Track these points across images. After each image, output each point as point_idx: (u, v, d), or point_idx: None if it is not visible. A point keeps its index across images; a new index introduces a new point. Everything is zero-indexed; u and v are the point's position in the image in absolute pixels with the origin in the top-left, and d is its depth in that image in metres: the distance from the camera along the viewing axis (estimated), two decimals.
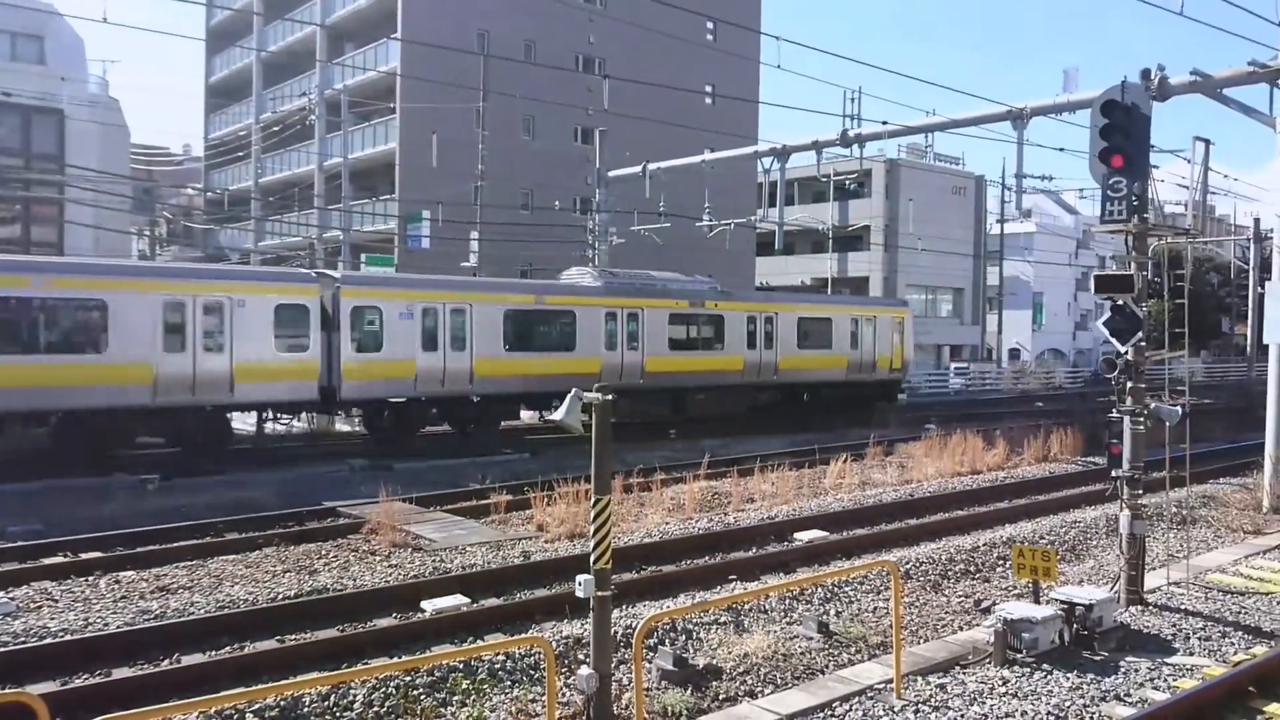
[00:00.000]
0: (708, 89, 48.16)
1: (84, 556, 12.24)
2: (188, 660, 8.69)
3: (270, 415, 22.28)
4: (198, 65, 60.62)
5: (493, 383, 22.85)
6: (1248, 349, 46.87)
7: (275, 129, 45.87)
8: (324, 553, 12.69)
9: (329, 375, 20.58)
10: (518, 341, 23.37)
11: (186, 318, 18.89)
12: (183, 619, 9.58)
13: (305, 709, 7.56)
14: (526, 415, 26.87)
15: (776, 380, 28.99)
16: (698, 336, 27.26)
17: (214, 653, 8.90)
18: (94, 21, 41.20)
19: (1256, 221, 45.30)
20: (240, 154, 53.25)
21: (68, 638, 9.03)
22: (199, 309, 19.03)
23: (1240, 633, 9.42)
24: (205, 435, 20.03)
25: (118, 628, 9.33)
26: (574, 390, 7.04)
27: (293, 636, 9.39)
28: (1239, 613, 10.08)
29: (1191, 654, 8.85)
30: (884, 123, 25.68)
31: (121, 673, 8.41)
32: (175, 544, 12.86)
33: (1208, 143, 13.06)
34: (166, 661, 8.70)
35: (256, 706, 7.43)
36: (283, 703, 7.52)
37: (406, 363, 21.48)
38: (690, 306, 27.00)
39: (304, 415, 25.01)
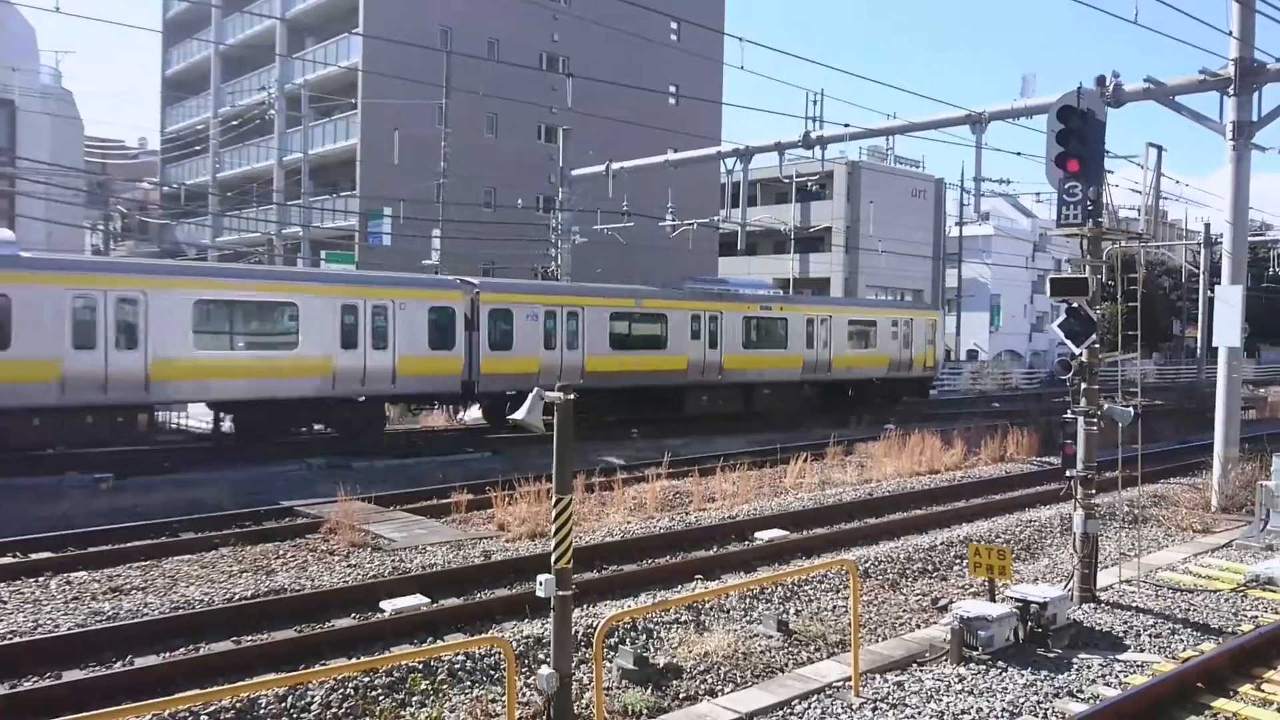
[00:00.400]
0: (671, 89, 48.28)
1: (34, 557, 12.00)
2: (141, 662, 8.56)
3: (412, 407, 25.82)
4: (154, 57, 59.66)
5: (599, 378, 25.25)
6: (1198, 351, 47.82)
7: (234, 123, 45.28)
8: (282, 553, 12.54)
9: (470, 370, 23.11)
10: (620, 341, 26.28)
11: (359, 319, 21.26)
12: (136, 620, 9.42)
13: (262, 711, 7.48)
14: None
15: (830, 377, 31.87)
16: (766, 337, 30.01)
17: (168, 654, 8.77)
18: (46, 11, 40.41)
19: (1207, 226, 46.25)
20: (198, 148, 52.49)
21: (17, 640, 8.85)
22: (369, 312, 21.43)
23: (1189, 630, 9.62)
24: (367, 424, 22.32)
25: (69, 629, 9.16)
26: (535, 389, 7.03)
27: (249, 637, 9.27)
28: (1188, 610, 10.30)
29: (1142, 650, 9.02)
30: (846, 125, 25.90)
31: (73, 675, 8.26)
32: (129, 544, 12.64)
33: (1160, 149, 13.35)
34: (119, 663, 8.56)
35: (212, 709, 7.34)
36: (239, 704, 7.43)
37: (532, 359, 24.21)
38: (760, 310, 29.79)
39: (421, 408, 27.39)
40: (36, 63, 36.24)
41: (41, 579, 11.09)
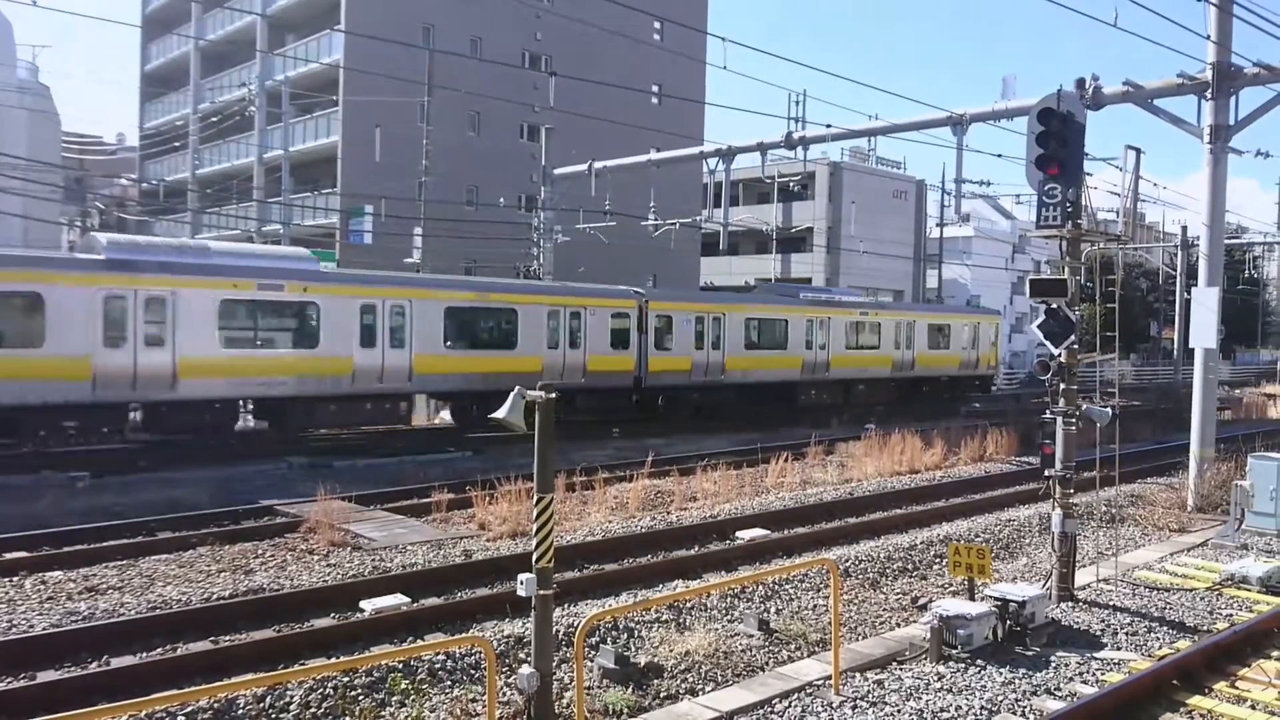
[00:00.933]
0: (654, 89, 48.27)
1: (9, 556, 11.86)
2: (117, 663, 8.48)
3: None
4: (133, 53, 59.13)
5: (737, 374, 29.44)
6: (1175, 352, 48.26)
7: (214, 120, 44.94)
8: (260, 552, 12.46)
9: (640, 367, 27.01)
10: (752, 342, 30.01)
11: (559, 323, 25.33)
12: (112, 620, 9.33)
13: (240, 711, 7.42)
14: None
15: (913, 374, 35.80)
16: (864, 339, 34.05)
17: (145, 655, 8.69)
18: (23, 5, 39.81)
19: (1184, 229, 46.67)
20: (177, 144, 52.04)
21: None
22: (568, 317, 25.46)
23: (1165, 628, 9.71)
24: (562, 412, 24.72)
25: (44, 629, 9.07)
26: (517, 388, 7.01)
27: (227, 637, 9.21)
28: (1164, 608, 10.39)
29: (1119, 649, 9.09)
30: (828, 126, 25.97)
31: (48, 675, 8.17)
32: (105, 543, 12.53)
33: (1139, 151, 13.43)
34: (95, 664, 8.47)
35: (189, 709, 7.28)
36: (216, 705, 7.38)
37: (686, 359, 28.14)
38: (859, 315, 33.78)
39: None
40: (13, 58, 35.86)
41: (16, 579, 10.97)
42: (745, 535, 13.90)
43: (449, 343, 23.27)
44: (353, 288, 21.98)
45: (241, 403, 21.49)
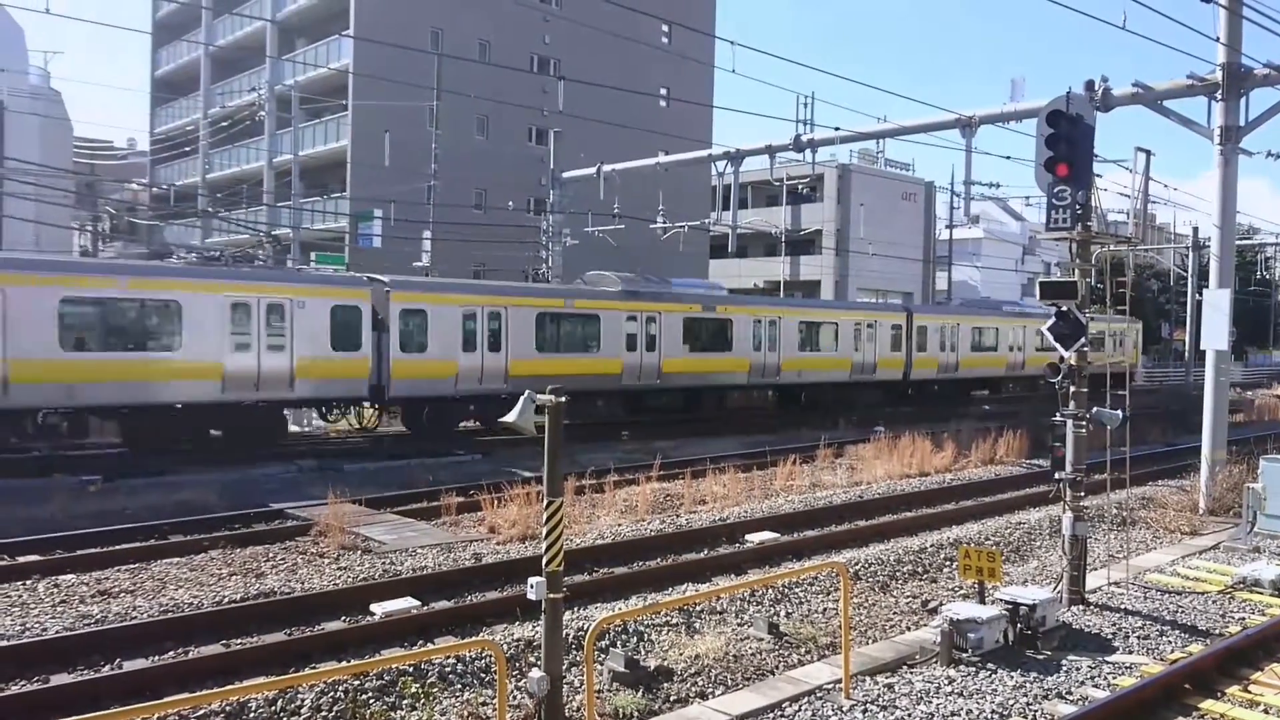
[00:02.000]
0: (662, 92, 48.28)
1: (22, 560, 11.94)
2: (130, 666, 8.52)
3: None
4: (143, 58, 59.42)
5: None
6: (1186, 354, 48.04)
7: (224, 124, 45.09)
8: (271, 555, 12.51)
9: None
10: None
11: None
12: (125, 623, 9.38)
13: (252, 714, 7.45)
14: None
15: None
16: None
17: (157, 658, 8.74)
18: (35, 12, 40.18)
19: (1195, 230, 46.42)
20: (187, 149, 52.25)
21: (4, 643, 8.80)
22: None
23: (1177, 631, 9.67)
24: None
25: (57, 633, 9.11)
26: (527, 392, 7.03)
27: (239, 640, 9.25)
28: (1176, 612, 10.35)
29: (1131, 652, 9.06)
30: (836, 128, 25.94)
31: (61, 679, 8.22)
32: (117, 546, 12.60)
33: (1148, 153, 13.36)
34: (108, 667, 8.51)
35: (201, 712, 7.31)
36: (228, 708, 7.41)
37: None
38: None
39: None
40: (25, 64, 36.07)
41: (29, 582, 11.04)
42: (755, 538, 13.89)
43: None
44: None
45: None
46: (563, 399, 6.95)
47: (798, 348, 31.56)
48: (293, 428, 25.53)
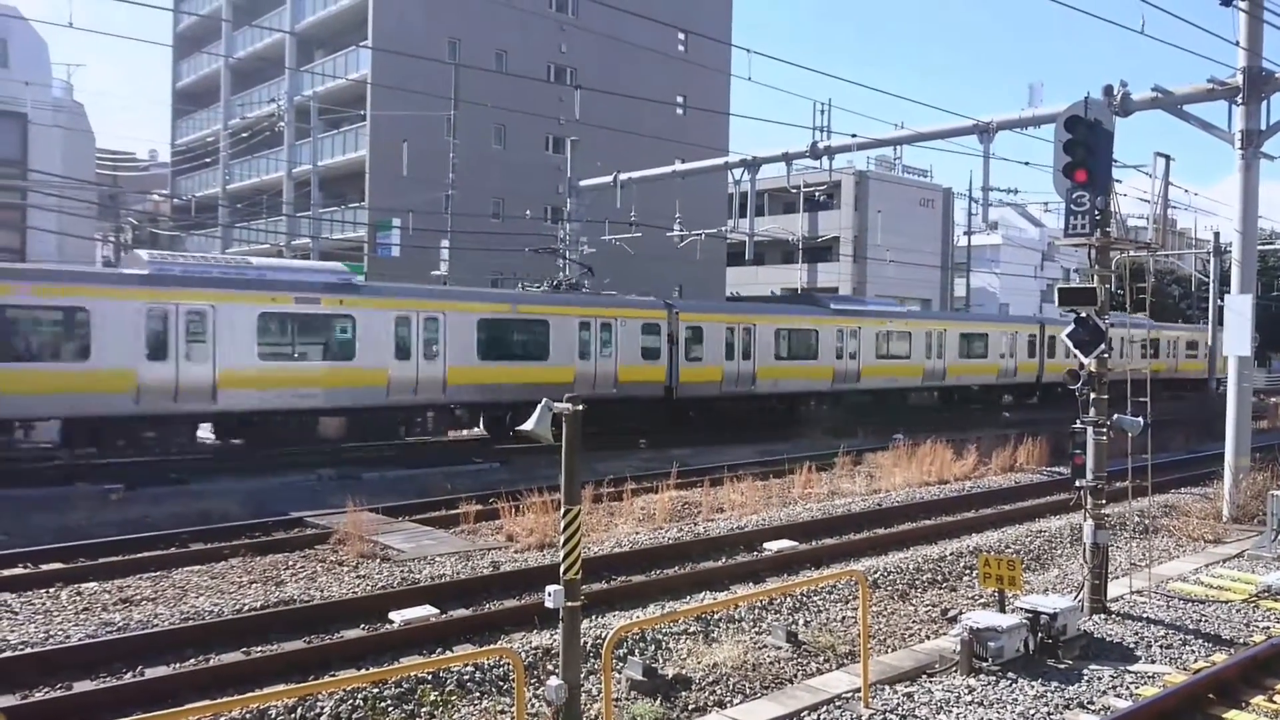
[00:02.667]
0: (679, 100, 48.36)
1: (45, 568, 12.06)
2: (151, 673, 8.57)
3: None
4: (164, 70, 60.03)
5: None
6: (1209, 360, 47.62)
7: (244, 135, 45.49)
8: (291, 563, 12.57)
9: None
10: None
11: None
12: (146, 631, 9.45)
13: None
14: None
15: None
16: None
17: (178, 665, 8.80)
18: (59, 26, 40.63)
19: (1216, 235, 46.01)
20: (208, 160, 52.73)
21: (28, 650, 8.88)
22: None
23: (1201, 640, 9.57)
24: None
25: (79, 640, 9.19)
26: (544, 400, 7.04)
27: (259, 648, 9.29)
28: (1199, 621, 10.24)
29: (1153, 662, 8.97)
30: (853, 135, 25.93)
31: (83, 686, 8.29)
32: (139, 555, 12.68)
33: (1168, 158, 13.25)
34: (129, 674, 8.58)
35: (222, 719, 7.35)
36: (248, 715, 7.45)
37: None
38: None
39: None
40: (49, 76, 36.48)
41: (52, 590, 11.14)
42: (773, 546, 13.86)
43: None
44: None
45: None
46: (580, 407, 6.96)
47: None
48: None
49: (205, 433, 22.01)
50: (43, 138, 34.14)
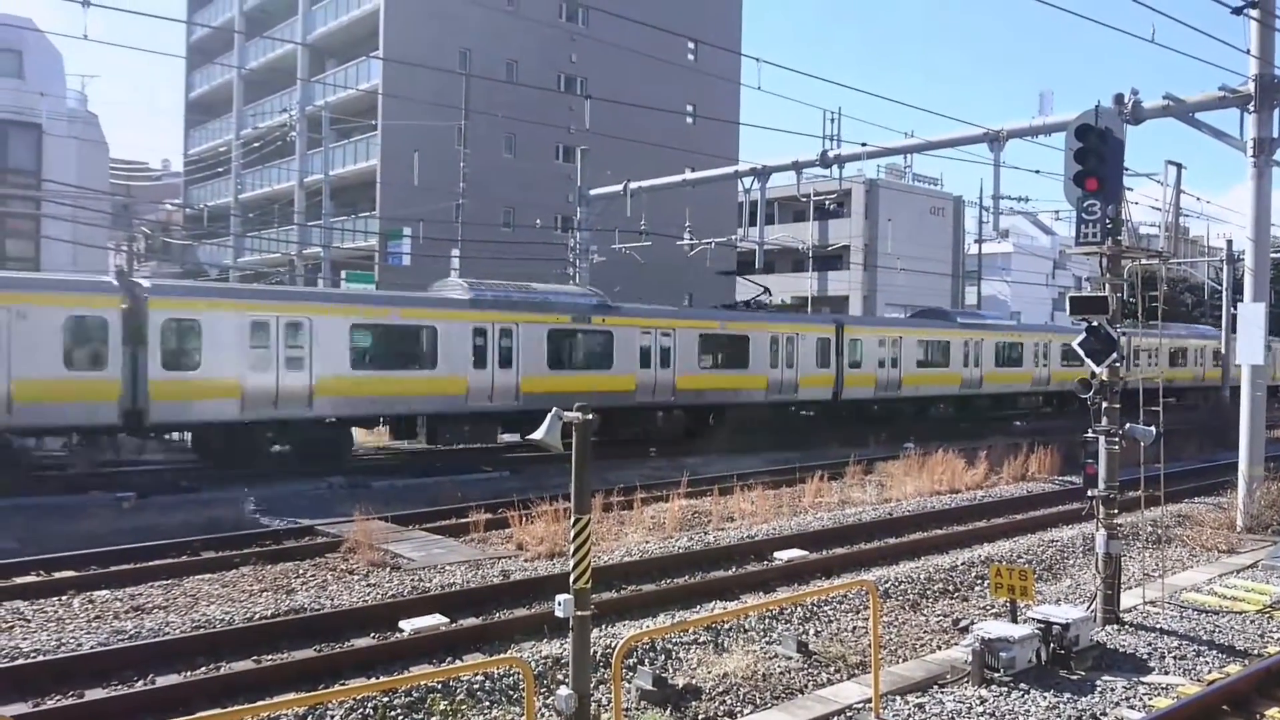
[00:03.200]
0: (688, 109, 48.46)
1: (57, 575, 12.10)
2: (162, 681, 8.60)
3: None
4: (178, 81, 60.48)
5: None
6: (1222, 369, 47.38)
7: (255, 145, 45.79)
8: (301, 572, 12.60)
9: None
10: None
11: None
12: (158, 639, 9.47)
13: None
14: None
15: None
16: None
17: (189, 673, 8.81)
18: (73, 38, 41.03)
19: (1229, 243, 45.81)
20: (220, 170, 53.06)
21: (41, 658, 8.92)
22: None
23: (1215, 651, 9.51)
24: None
25: (91, 648, 9.21)
26: (554, 409, 7.05)
27: (270, 657, 9.31)
28: (1214, 631, 10.17)
29: (1167, 673, 8.92)
30: (863, 144, 25.91)
31: (95, 694, 8.31)
32: (150, 563, 12.73)
33: (1180, 166, 13.26)
34: (141, 683, 8.59)
35: None
36: None
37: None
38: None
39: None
40: (63, 88, 36.76)
41: (65, 597, 11.18)
42: (783, 556, 13.82)
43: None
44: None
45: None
46: (590, 416, 6.97)
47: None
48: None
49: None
50: (57, 148, 34.38)
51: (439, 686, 8.17)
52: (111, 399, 18.41)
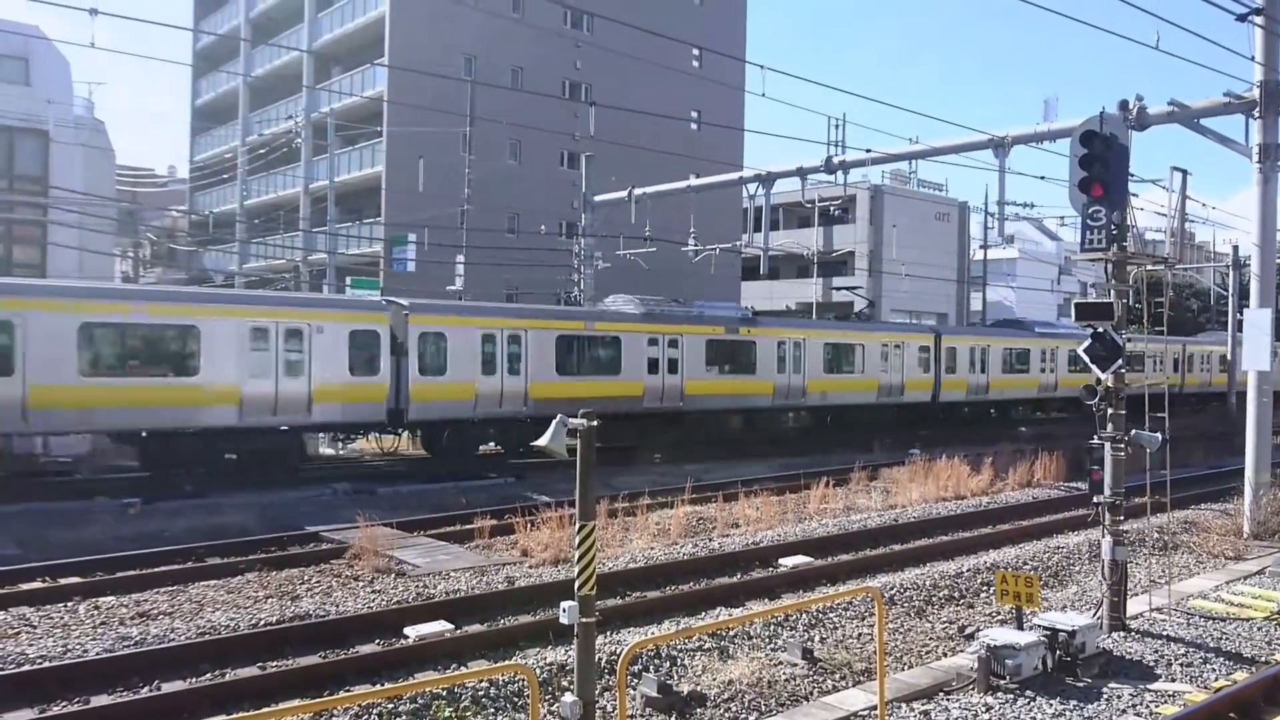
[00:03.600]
0: (693, 115, 48.48)
1: (63, 581, 12.13)
2: (168, 688, 8.60)
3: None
4: (184, 88, 60.71)
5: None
6: (1228, 374, 47.32)
7: (261, 151, 45.88)
8: (306, 578, 12.61)
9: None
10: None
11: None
12: (163, 645, 9.48)
13: None
14: None
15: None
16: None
17: (195, 680, 8.82)
18: (80, 46, 41.20)
19: (1235, 249, 45.66)
20: (226, 176, 53.18)
21: (46, 664, 8.93)
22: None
23: (1222, 658, 9.47)
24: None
25: (97, 654, 9.23)
26: (559, 416, 7.06)
27: (274, 663, 9.32)
28: (1220, 638, 10.13)
29: (1173, 680, 8.88)
30: (868, 150, 25.97)
31: (100, 700, 8.32)
32: (156, 569, 12.75)
33: (1185, 172, 13.24)
34: (146, 689, 8.60)
35: None
36: None
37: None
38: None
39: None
40: (70, 95, 36.86)
41: (70, 604, 11.20)
42: (788, 562, 13.80)
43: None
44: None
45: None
46: (594, 423, 6.97)
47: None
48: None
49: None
50: (64, 155, 34.45)
51: (444, 693, 8.16)
52: (381, 400, 21.11)
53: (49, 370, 17.64)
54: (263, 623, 10.34)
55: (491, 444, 24.36)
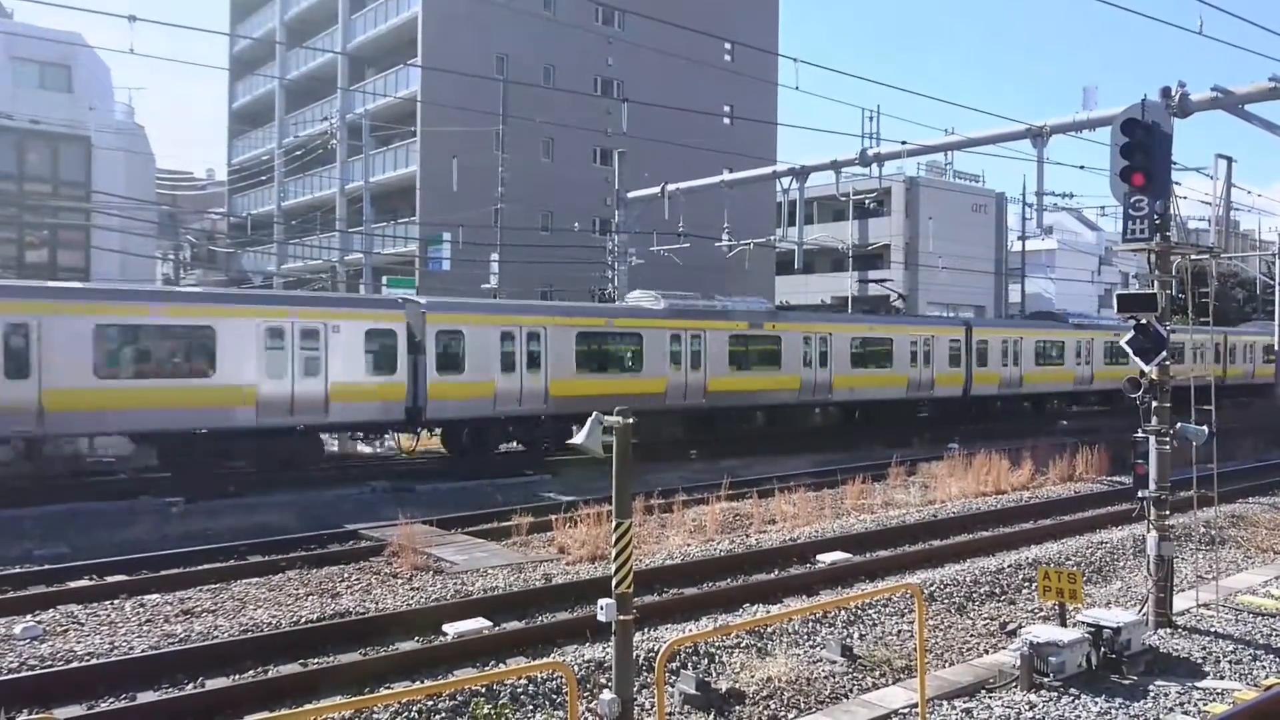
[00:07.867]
0: (726, 110, 48.31)
1: (109, 580, 12.34)
2: (211, 684, 8.72)
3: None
4: (221, 92, 61.54)
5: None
6: (1276, 365, 46.35)
7: (297, 153, 46.40)
8: (346, 576, 12.72)
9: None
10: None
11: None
12: (207, 642, 9.62)
13: None
14: None
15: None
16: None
17: (238, 676, 8.94)
18: (120, 52, 41.80)
19: None
20: (263, 178, 53.86)
21: (94, 662, 9.09)
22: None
23: (1272, 655, 9.28)
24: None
25: (142, 651, 9.38)
26: (594, 414, 7.05)
27: (315, 660, 9.41)
28: (1270, 635, 9.93)
29: (1222, 677, 8.71)
30: (903, 142, 25.66)
31: (146, 696, 8.46)
32: (199, 567, 12.94)
33: (1230, 160, 12.95)
34: (190, 685, 8.73)
35: None
36: None
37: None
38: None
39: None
40: (111, 101, 37.46)
41: (116, 602, 11.39)
42: (826, 559, 13.71)
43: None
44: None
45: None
46: (630, 420, 6.95)
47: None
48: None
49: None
50: (106, 160, 35.01)
51: (482, 690, 8.20)
52: (399, 399, 21.13)
53: (64, 373, 17.71)
54: (304, 620, 10.45)
55: (514, 443, 24.39)
